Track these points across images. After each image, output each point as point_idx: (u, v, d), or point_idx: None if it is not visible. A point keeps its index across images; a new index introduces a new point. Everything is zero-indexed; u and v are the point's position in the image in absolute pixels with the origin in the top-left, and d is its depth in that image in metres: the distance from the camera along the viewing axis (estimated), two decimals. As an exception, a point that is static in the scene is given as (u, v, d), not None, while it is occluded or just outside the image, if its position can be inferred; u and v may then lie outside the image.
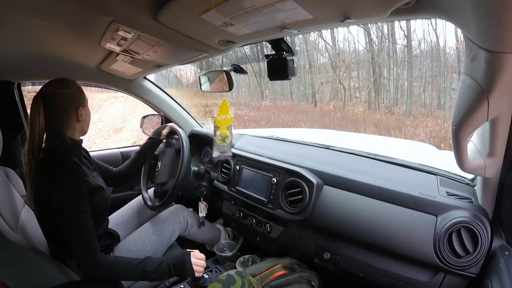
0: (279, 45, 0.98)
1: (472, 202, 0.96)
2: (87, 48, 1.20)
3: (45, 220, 1.10)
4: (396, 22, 7.79)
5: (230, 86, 1.28)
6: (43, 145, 1.07)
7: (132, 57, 1.19)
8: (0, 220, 0.98)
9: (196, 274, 1.10)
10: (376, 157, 1.33)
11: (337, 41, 9.06)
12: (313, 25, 0.72)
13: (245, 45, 1.06)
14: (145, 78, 1.90)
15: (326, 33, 8.97)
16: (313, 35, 9.14)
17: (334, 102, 8.87)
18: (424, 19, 7.37)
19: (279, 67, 1.01)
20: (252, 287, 1.03)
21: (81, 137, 1.17)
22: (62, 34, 1.02)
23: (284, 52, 1.00)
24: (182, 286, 1.31)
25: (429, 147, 1.97)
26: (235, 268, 1.49)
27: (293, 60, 1.01)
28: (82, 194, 1.01)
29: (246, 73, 1.27)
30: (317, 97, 9.35)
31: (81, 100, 1.12)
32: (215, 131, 1.31)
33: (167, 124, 1.56)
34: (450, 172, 1.16)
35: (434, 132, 6.36)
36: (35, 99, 1.03)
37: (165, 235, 1.44)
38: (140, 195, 1.60)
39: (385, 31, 8.08)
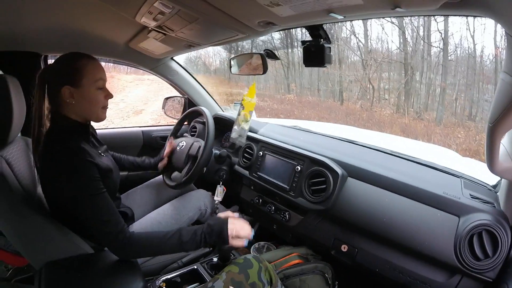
0: (317, 32, 0.98)
1: (494, 207, 0.95)
2: (119, 23, 1.19)
3: (53, 206, 1.05)
4: (433, 24, 7.44)
5: (265, 69, 1.26)
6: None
7: (165, 34, 1.17)
8: (19, 188, 0.99)
9: (238, 244, 1.01)
10: (400, 155, 1.30)
11: (370, 39, 8.77)
12: (360, 11, 0.71)
13: (283, 30, 1.05)
14: (172, 59, 1.90)
15: (359, 30, 8.72)
16: (345, 31, 8.90)
17: (361, 102, 8.63)
18: (464, 18, 6.97)
19: (316, 53, 1.00)
20: (269, 273, 1.02)
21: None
22: (96, 7, 1.01)
23: (322, 39, 0.99)
24: (195, 267, 1.29)
25: (451, 152, 1.90)
26: (249, 253, 1.49)
27: (330, 48, 1.00)
28: (92, 176, 0.93)
29: (279, 59, 1.26)
30: (344, 95, 9.13)
31: (72, 80, 0.97)
32: (240, 111, 1.30)
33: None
34: (473, 177, 1.14)
35: (465, 144, 6.03)
36: (40, 72, 0.98)
37: (184, 220, 1.42)
38: (160, 175, 1.60)
39: (421, 32, 7.74)
